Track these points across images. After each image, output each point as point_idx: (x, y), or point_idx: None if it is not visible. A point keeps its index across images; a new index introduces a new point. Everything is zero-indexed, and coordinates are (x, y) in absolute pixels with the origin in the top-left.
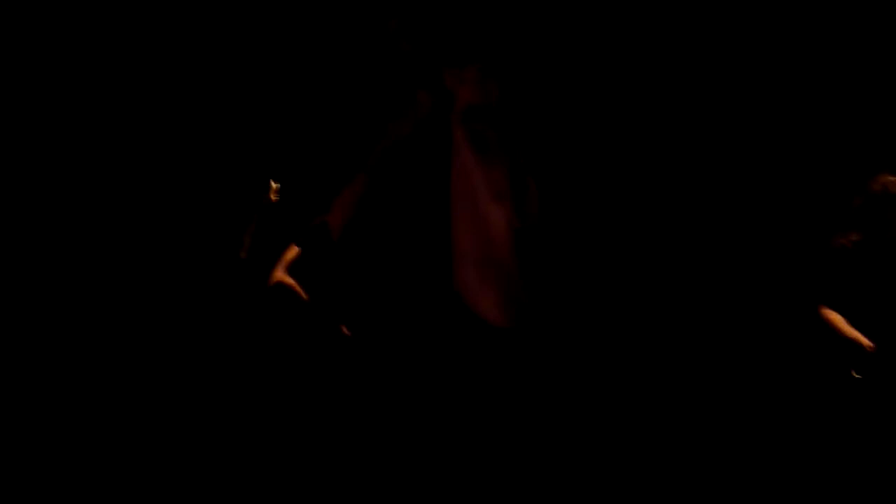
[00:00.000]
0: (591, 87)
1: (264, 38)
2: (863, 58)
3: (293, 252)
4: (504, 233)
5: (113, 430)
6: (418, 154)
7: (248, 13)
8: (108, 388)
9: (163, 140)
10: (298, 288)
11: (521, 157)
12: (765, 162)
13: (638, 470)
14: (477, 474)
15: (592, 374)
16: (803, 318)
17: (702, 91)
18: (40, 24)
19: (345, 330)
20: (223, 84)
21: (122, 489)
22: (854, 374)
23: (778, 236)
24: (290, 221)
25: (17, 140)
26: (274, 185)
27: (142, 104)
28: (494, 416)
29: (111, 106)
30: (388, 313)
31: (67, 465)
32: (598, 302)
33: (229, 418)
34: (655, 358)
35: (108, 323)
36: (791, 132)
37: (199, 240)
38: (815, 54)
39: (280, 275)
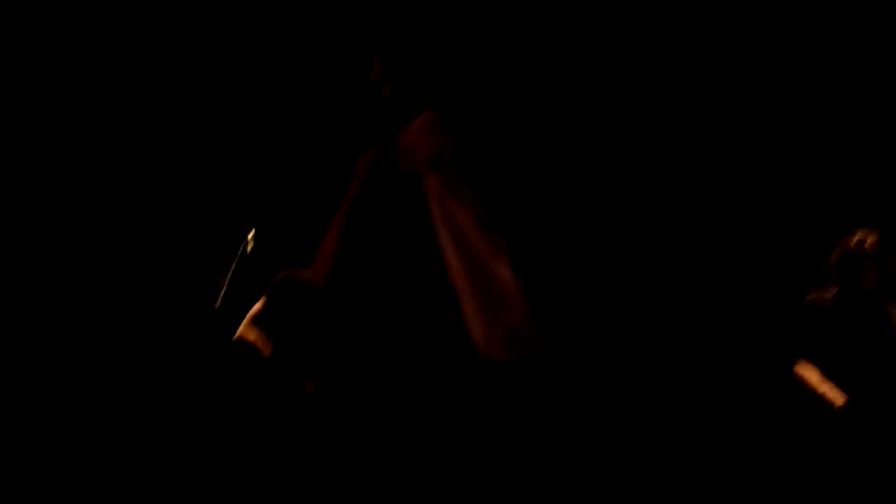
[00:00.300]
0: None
1: (243, 83)
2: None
3: (259, 306)
4: (507, 271)
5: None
6: (389, 201)
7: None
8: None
9: (142, 183)
10: (261, 344)
11: (487, 200)
12: (743, 217)
13: None
14: None
15: (598, 405)
16: (778, 372)
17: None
18: (40, 24)
19: (310, 387)
20: (202, 128)
21: None
22: (828, 428)
23: (754, 290)
24: (266, 271)
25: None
26: (250, 233)
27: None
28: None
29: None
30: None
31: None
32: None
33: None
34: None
35: (81, 362)
36: (769, 188)
37: (175, 288)
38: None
39: (244, 330)
